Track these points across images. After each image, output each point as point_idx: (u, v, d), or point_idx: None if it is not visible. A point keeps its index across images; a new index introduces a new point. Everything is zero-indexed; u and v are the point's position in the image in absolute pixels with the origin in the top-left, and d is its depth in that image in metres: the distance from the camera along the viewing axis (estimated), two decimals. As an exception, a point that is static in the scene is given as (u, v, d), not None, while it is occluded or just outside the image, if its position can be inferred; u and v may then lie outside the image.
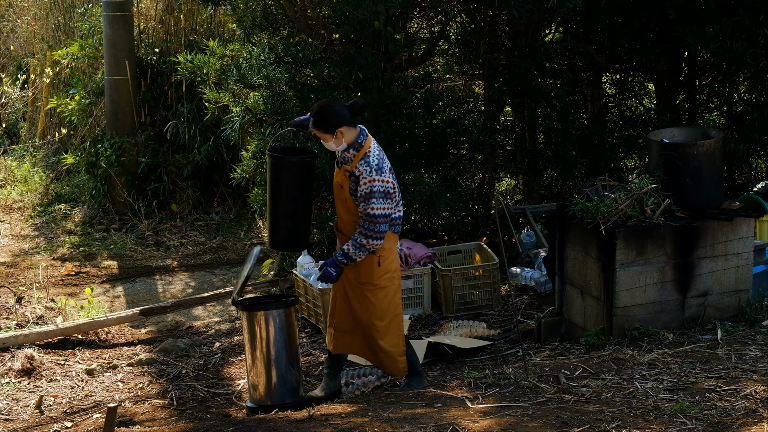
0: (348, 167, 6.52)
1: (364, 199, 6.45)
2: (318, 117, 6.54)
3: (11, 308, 8.88)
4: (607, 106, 9.98)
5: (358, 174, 6.46)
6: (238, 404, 7.06)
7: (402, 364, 6.76)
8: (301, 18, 9.15)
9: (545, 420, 5.49)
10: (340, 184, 6.61)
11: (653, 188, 7.04)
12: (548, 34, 9.84)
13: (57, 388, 7.56)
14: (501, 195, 10.30)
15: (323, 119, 6.53)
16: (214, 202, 11.73)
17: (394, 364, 6.75)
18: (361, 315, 6.67)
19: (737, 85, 9.79)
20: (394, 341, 6.70)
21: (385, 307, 6.65)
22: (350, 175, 6.50)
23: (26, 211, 12.19)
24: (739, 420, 5.32)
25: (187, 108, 11.45)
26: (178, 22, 11.96)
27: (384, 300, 6.64)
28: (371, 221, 6.44)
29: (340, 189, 6.61)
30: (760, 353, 6.37)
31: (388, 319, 6.66)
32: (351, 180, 6.50)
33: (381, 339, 6.66)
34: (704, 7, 8.63)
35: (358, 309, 6.67)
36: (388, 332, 6.67)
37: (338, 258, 6.58)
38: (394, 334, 6.69)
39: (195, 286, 9.91)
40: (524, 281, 8.55)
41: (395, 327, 6.71)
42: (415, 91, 9.11)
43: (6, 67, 15.09)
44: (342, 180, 6.57)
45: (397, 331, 6.72)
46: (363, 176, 6.44)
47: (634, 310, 6.96)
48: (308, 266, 8.44)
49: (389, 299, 6.65)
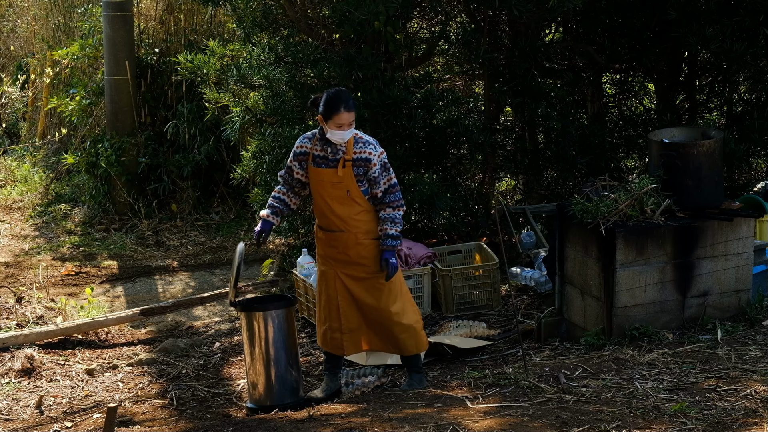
0: (345, 156, 6.52)
1: (382, 172, 6.54)
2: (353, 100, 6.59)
3: (11, 308, 8.88)
4: (607, 106, 9.98)
5: (366, 155, 6.51)
6: (238, 404, 7.06)
7: (424, 338, 6.85)
8: (301, 18, 9.15)
9: (545, 420, 5.49)
10: (336, 181, 6.57)
11: (653, 188, 7.04)
12: (548, 34, 9.84)
13: (57, 388, 7.56)
14: (501, 195, 10.30)
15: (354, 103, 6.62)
16: (214, 202, 11.73)
17: (418, 338, 6.78)
18: (373, 305, 6.66)
19: (737, 85, 9.79)
20: (414, 317, 6.77)
21: (396, 289, 6.71)
22: (354, 161, 6.51)
23: (26, 211, 12.20)
24: (739, 420, 5.32)
25: (187, 108, 11.45)
26: (178, 22, 11.97)
27: (394, 282, 6.68)
28: (396, 191, 6.58)
29: (338, 185, 6.57)
30: (760, 353, 6.37)
31: (402, 298, 6.73)
32: (357, 165, 6.52)
33: (401, 319, 6.69)
34: (704, 7, 8.63)
35: (370, 301, 6.66)
36: (405, 310, 6.72)
37: (390, 245, 6.59)
38: (410, 310, 6.76)
39: (195, 286, 9.91)
40: (524, 281, 8.55)
41: (409, 303, 6.78)
42: (415, 91, 9.11)
43: (6, 67, 15.10)
44: (342, 174, 6.54)
45: (412, 306, 6.80)
46: (372, 153, 6.52)
47: (634, 310, 6.96)
48: (308, 266, 8.44)
49: (397, 279, 6.71)
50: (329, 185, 6.59)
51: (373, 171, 6.53)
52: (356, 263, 6.64)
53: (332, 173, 6.57)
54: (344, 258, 6.67)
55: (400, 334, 6.71)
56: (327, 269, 6.75)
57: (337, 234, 6.66)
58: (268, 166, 9.13)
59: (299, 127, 9.03)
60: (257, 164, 9.28)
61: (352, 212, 6.59)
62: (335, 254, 6.69)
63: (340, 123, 6.49)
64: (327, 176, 6.59)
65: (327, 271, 6.75)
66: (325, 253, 6.75)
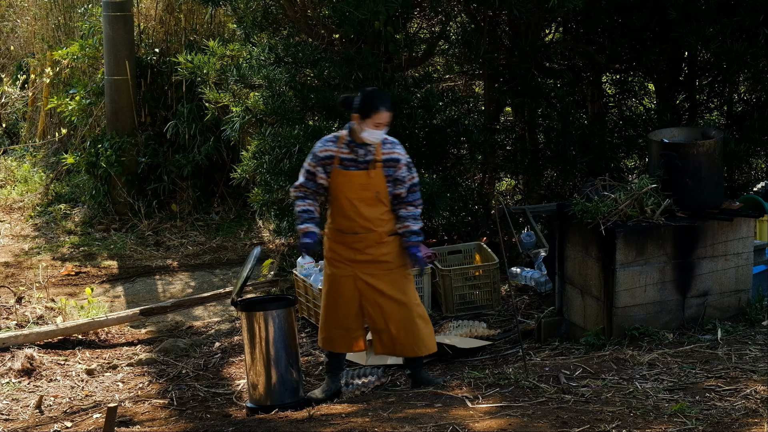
0: (375, 157, 6.53)
1: (408, 170, 6.60)
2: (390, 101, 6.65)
3: (11, 308, 8.89)
4: (607, 106, 9.98)
5: (395, 155, 6.56)
6: (238, 404, 7.06)
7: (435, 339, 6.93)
8: (301, 18, 9.15)
9: (546, 420, 5.49)
10: (367, 183, 6.54)
11: (653, 188, 7.03)
12: (548, 34, 9.84)
13: (57, 388, 7.56)
14: (501, 195, 10.30)
15: None
16: (214, 202, 11.73)
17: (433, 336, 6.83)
18: (402, 300, 6.66)
19: (737, 85, 9.79)
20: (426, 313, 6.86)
21: (413, 283, 6.80)
22: (384, 162, 6.53)
23: (26, 211, 12.20)
24: (739, 420, 5.31)
25: (187, 108, 11.46)
26: (178, 22, 11.97)
27: (412, 276, 6.78)
28: (417, 189, 6.67)
29: (367, 187, 6.54)
30: (760, 353, 6.37)
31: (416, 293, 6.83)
32: (387, 166, 6.55)
33: (423, 313, 6.74)
34: (704, 7, 8.63)
35: (398, 295, 6.65)
36: (420, 304, 6.78)
37: (415, 241, 6.66)
38: (422, 306, 6.82)
39: (195, 286, 9.91)
40: (524, 281, 8.55)
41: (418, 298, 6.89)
42: (415, 91, 9.11)
43: (6, 67, 15.11)
44: (373, 175, 6.53)
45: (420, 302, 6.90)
46: (401, 153, 6.59)
47: (634, 310, 6.96)
48: (308, 266, 8.44)
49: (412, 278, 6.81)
50: (359, 187, 6.55)
51: (401, 171, 6.57)
52: (378, 261, 6.62)
53: (364, 175, 6.55)
54: (365, 258, 6.62)
55: (425, 328, 6.72)
56: (338, 272, 6.69)
57: (362, 235, 6.61)
58: (268, 166, 9.14)
59: (299, 127, 9.03)
60: (257, 164, 9.28)
61: (377, 213, 6.58)
62: (354, 255, 6.64)
63: (379, 122, 6.47)
64: (358, 178, 6.55)
65: (338, 273, 6.69)
66: (341, 256, 6.68)
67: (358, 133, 6.53)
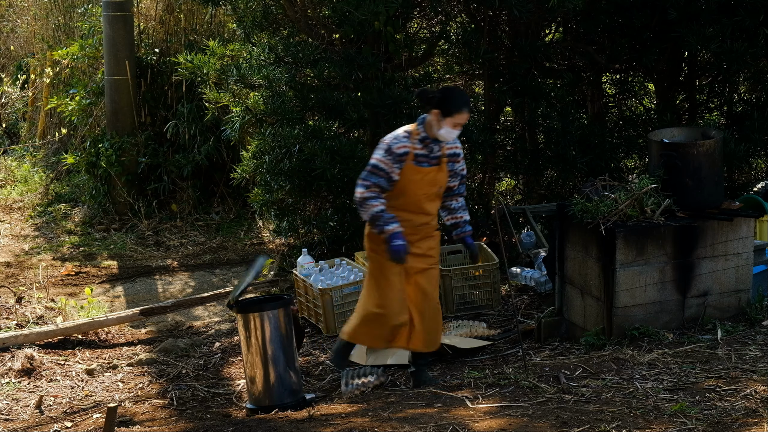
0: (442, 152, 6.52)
1: (463, 162, 6.68)
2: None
3: (11, 308, 8.89)
4: (607, 106, 9.98)
5: (458, 150, 6.62)
6: (238, 404, 7.06)
7: None
8: (301, 18, 9.15)
9: (546, 420, 5.49)
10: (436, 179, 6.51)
11: (653, 188, 7.03)
12: (548, 34, 9.84)
13: (57, 388, 7.56)
14: (501, 195, 10.30)
15: None
16: (214, 202, 11.73)
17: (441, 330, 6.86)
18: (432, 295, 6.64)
19: (737, 85, 9.79)
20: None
21: None
22: (449, 157, 6.55)
23: (26, 211, 12.20)
24: (739, 420, 5.31)
25: (187, 108, 11.46)
26: (178, 22, 11.97)
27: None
28: (465, 181, 6.73)
29: (434, 183, 6.51)
30: (760, 353, 6.36)
31: None
32: (452, 161, 6.58)
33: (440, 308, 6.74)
34: (704, 7, 8.63)
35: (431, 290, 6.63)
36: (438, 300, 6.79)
37: (470, 230, 6.76)
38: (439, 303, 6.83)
39: (195, 286, 9.91)
40: (524, 281, 8.55)
41: None
42: (416, 91, 9.10)
43: (6, 67, 15.11)
44: (439, 169, 6.51)
45: None
46: (460, 147, 6.65)
47: (634, 310, 6.96)
48: (308, 266, 8.44)
49: None
50: (428, 183, 6.51)
51: (459, 165, 6.63)
52: (425, 255, 6.60)
53: (435, 170, 6.53)
54: (416, 251, 6.54)
55: (440, 324, 6.75)
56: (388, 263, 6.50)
57: (419, 227, 6.56)
58: (268, 166, 9.14)
59: (299, 127, 9.03)
60: (257, 164, 9.28)
61: (435, 207, 6.64)
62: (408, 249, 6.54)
63: (459, 122, 6.45)
64: (430, 174, 6.51)
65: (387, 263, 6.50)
66: None
67: (433, 129, 6.47)
